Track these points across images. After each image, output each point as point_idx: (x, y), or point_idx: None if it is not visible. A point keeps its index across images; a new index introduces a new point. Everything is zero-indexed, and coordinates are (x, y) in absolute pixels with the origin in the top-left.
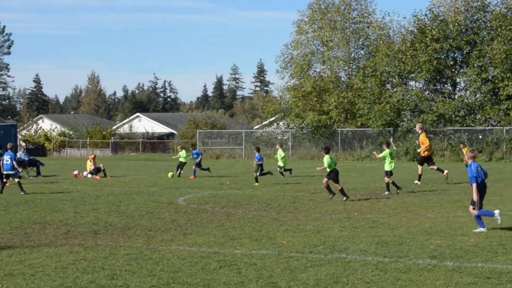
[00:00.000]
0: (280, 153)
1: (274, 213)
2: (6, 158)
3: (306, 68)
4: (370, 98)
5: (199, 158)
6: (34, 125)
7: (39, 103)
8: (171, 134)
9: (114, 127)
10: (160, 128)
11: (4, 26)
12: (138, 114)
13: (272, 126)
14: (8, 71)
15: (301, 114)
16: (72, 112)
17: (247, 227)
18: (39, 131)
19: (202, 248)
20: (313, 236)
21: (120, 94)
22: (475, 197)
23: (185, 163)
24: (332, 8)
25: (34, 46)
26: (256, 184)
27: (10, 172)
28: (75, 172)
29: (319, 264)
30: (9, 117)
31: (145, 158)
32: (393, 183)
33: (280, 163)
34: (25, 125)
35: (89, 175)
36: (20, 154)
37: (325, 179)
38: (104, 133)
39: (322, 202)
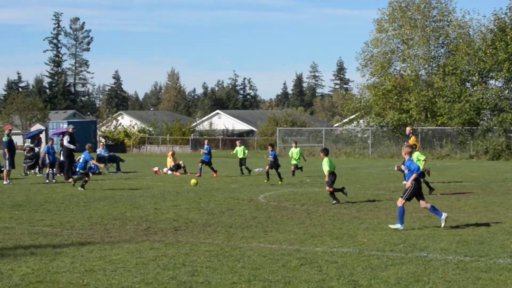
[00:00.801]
0: (294, 151)
1: (354, 211)
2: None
3: (386, 66)
4: (450, 96)
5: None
6: (114, 121)
7: (119, 100)
8: (251, 131)
9: (194, 124)
10: (240, 125)
11: (84, 23)
12: (218, 111)
13: (352, 124)
14: (87, 68)
15: (382, 112)
16: (151, 109)
17: (327, 225)
18: (119, 127)
19: (283, 246)
20: (394, 235)
21: (199, 91)
22: (408, 184)
23: (244, 158)
24: (413, 7)
25: (113, 43)
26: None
27: (81, 171)
28: (155, 169)
29: (399, 263)
30: (89, 113)
31: (224, 155)
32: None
33: (294, 161)
34: (105, 121)
35: (169, 172)
36: (100, 150)
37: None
38: (184, 129)
39: None
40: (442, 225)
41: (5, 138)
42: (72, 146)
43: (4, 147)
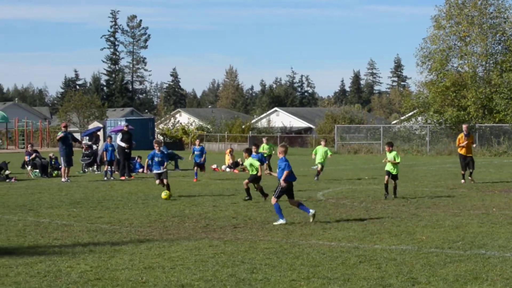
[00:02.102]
0: (321, 149)
1: (413, 208)
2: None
3: (444, 63)
4: (507, 93)
5: (203, 157)
6: (172, 119)
7: (176, 97)
8: (309, 129)
9: (253, 121)
10: (298, 123)
11: (141, 20)
12: (276, 108)
13: (410, 121)
14: (145, 65)
15: (440, 109)
16: (209, 106)
17: (386, 222)
18: (177, 125)
19: (341, 243)
20: (452, 232)
21: (257, 88)
22: (283, 183)
23: (270, 155)
24: (469, 3)
25: (171, 40)
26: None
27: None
28: (214, 166)
29: (458, 260)
30: (146, 110)
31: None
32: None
33: (318, 161)
34: (163, 119)
35: (228, 169)
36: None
37: (246, 181)
38: (243, 127)
39: (461, 198)
40: (311, 220)
41: (60, 134)
42: (124, 145)
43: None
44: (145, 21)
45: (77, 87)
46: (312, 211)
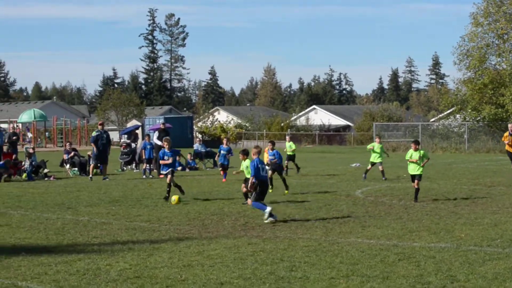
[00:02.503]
0: (377, 146)
1: (451, 206)
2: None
3: (482, 60)
4: None
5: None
6: (210, 116)
7: (215, 95)
8: (347, 127)
9: (292, 119)
10: (336, 121)
11: (179, 19)
12: (314, 106)
13: (448, 119)
14: (183, 63)
15: (478, 107)
16: (248, 104)
17: (425, 220)
18: (215, 122)
19: (380, 241)
20: (491, 230)
21: (295, 86)
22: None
23: (293, 155)
24: (507, 1)
25: (209, 38)
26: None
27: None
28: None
29: (497, 258)
30: (185, 109)
31: (321, 150)
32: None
33: (377, 160)
34: (201, 117)
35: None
36: (196, 145)
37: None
38: (282, 124)
39: (499, 196)
40: (266, 216)
41: (93, 133)
42: (160, 143)
43: (91, 141)
44: (183, 19)
45: (116, 85)
46: (268, 208)
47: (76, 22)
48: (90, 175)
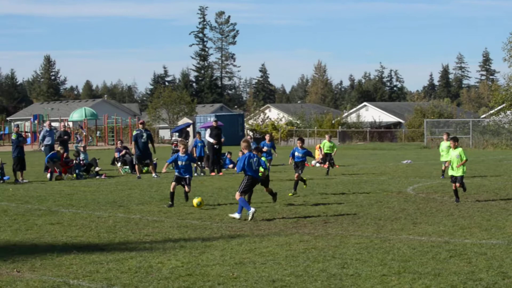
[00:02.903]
0: (445, 145)
1: (502, 203)
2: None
3: None
4: None
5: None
6: (261, 114)
7: (266, 93)
8: (398, 123)
9: (344, 116)
10: (387, 117)
11: (229, 16)
12: (365, 103)
13: (499, 115)
14: (234, 61)
15: None
16: (298, 102)
17: (476, 217)
18: (266, 120)
19: (432, 238)
20: None
21: (346, 83)
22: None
23: (330, 154)
24: None
25: (259, 36)
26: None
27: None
28: (313, 163)
29: None
30: (236, 106)
31: (372, 147)
32: None
33: (444, 158)
34: (252, 114)
35: (317, 164)
36: None
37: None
38: (333, 122)
39: None
40: (249, 218)
41: (134, 132)
42: (212, 140)
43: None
44: (234, 17)
45: (166, 83)
46: (252, 209)
47: (127, 21)
48: (138, 175)
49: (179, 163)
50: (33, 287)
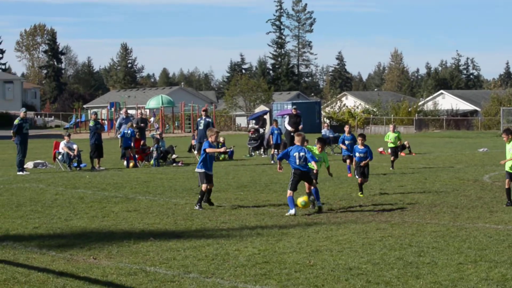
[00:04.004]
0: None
1: None
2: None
3: None
4: None
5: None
6: (338, 102)
7: (342, 80)
8: (475, 111)
9: (419, 104)
10: (464, 105)
11: (306, 4)
12: (442, 91)
13: None
14: (310, 49)
15: None
16: (375, 89)
17: None
18: (343, 108)
19: (508, 226)
20: None
21: (423, 71)
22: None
23: (396, 146)
24: None
25: (336, 24)
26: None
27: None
28: (380, 149)
29: None
30: (312, 94)
31: (449, 135)
32: None
33: None
34: (329, 102)
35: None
36: (324, 131)
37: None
38: (409, 109)
39: None
40: (286, 214)
41: (201, 122)
42: (290, 128)
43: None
44: (310, 5)
45: (243, 71)
46: (292, 211)
47: (203, 8)
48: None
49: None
50: (109, 274)
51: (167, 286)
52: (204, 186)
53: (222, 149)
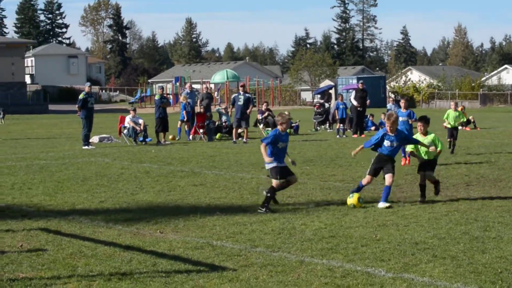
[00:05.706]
0: None
1: None
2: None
3: None
4: None
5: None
6: (403, 76)
7: (407, 55)
8: None
9: (483, 79)
10: None
11: None
12: (506, 66)
13: None
14: (375, 23)
15: None
16: (440, 64)
17: None
18: (408, 82)
19: None
20: None
21: (487, 46)
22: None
23: (456, 127)
24: None
25: None
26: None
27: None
28: (444, 124)
29: None
30: (377, 68)
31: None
32: None
33: None
34: (394, 76)
35: (459, 127)
36: (390, 105)
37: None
38: (473, 84)
39: None
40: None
41: (241, 98)
42: (356, 103)
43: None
44: None
45: (308, 45)
46: (385, 204)
47: None
48: (234, 139)
49: (280, 145)
50: (176, 248)
51: (234, 260)
52: (275, 182)
53: (267, 159)
